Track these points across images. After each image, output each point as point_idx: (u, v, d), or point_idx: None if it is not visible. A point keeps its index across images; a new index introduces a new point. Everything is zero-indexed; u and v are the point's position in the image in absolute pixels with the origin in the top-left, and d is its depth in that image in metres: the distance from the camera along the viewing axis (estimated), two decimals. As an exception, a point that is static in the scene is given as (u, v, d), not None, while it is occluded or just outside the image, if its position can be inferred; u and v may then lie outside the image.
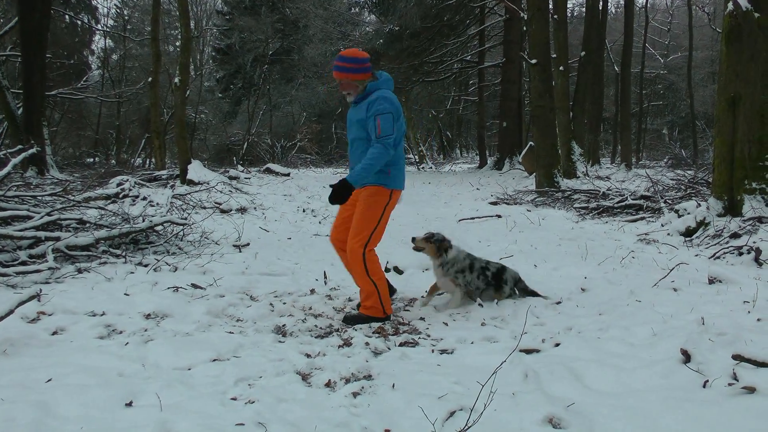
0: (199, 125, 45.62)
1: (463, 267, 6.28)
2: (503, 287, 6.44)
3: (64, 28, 41.45)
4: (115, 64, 47.88)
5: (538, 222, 12.58)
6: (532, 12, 19.07)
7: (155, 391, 3.90)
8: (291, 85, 45.37)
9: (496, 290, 6.42)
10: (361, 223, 5.81)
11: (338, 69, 5.70)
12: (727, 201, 9.58)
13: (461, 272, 6.27)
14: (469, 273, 6.30)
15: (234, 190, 18.49)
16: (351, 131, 5.95)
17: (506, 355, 4.30)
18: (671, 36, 54.07)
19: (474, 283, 6.32)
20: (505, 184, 22.21)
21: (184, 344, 4.90)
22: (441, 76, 37.40)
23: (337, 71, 5.72)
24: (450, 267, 6.23)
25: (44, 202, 10.04)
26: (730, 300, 5.90)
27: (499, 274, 6.47)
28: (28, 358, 4.52)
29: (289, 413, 3.73)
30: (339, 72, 5.71)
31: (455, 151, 60.83)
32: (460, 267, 6.27)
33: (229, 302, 6.29)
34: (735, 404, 3.54)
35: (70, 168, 30.12)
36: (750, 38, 9.37)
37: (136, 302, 6.09)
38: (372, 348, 5.02)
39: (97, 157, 44.34)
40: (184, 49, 21.22)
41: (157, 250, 8.86)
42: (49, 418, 3.54)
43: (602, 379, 4.10)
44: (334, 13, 39.06)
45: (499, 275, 6.46)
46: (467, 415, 3.50)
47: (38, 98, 22.63)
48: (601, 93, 32.20)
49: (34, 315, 5.57)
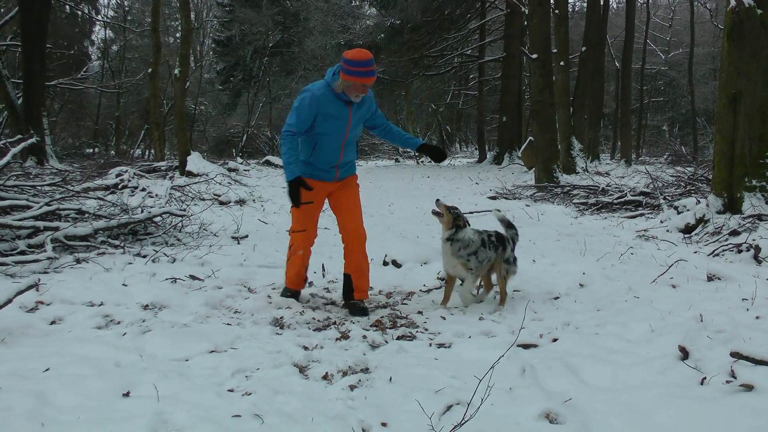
0: (199, 117, 45.66)
1: (476, 248, 6.11)
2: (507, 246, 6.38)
3: (65, 19, 41.39)
4: (115, 54, 47.84)
5: (537, 217, 12.58)
6: (533, 7, 19.05)
7: (152, 381, 3.89)
8: (291, 77, 45.31)
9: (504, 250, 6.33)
10: (361, 210, 6.23)
11: (374, 74, 5.68)
12: (727, 198, 9.57)
13: (474, 254, 6.10)
14: (482, 250, 6.14)
15: (233, 182, 18.52)
16: (355, 128, 6.00)
17: (504, 349, 4.30)
18: (673, 32, 53.98)
19: (486, 257, 6.18)
20: (504, 178, 22.20)
21: (182, 335, 4.90)
22: (441, 70, 37.40)
23: (374, 76, 5.68)
24: (463, 249, 6.13)
25: (43, 192, 10.05)
26: (729, 297, 5.90)
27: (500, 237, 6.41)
28: (25, 347, 4.53)
29: (285, 405, 3.72)
30: (374, 76, 5.70)
31: (455, 145, 60.80)
32: (473, 249, 6.10)
33: (227, 294, 6.30)
34: (732, 401, 3.54)
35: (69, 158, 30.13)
36: (752, 35, 9.35)
37: (134, 293, 6.09)
38: (369, 341, 5.02)
39: (96, 147, 44.37)
40: (184, 41, 21.21)
41: (155, 241, 8.86)
42: (47, 407, 3.53)
43: (599, 375, 4.10)
44: (335, 5, 38.89)
45: (501, 238, 6.40)
46: (464, 409, 3.50)
47: (38, 88, 22.64)
48: (601, 89, 32.17)
49: (33, 304, 5.58)
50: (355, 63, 5.57)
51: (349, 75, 5.59)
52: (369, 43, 32.77)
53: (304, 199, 5.70)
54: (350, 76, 5.59)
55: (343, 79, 5.64)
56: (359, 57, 5.59)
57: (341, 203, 6.16)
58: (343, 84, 5.68)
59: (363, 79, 5.60)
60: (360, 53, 5.63)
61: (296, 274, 6.24)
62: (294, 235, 6.06)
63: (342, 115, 5.84)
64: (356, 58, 5.58)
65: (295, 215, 6.03)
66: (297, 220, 6.04)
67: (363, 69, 5.58)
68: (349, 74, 5.59)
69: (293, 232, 6.08)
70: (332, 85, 5.73)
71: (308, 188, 5.70)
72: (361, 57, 5.59)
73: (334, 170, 6.03)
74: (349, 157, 6.12)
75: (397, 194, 18.32)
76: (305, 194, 5.71)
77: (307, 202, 5.82)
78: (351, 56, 5.60)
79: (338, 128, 5.86)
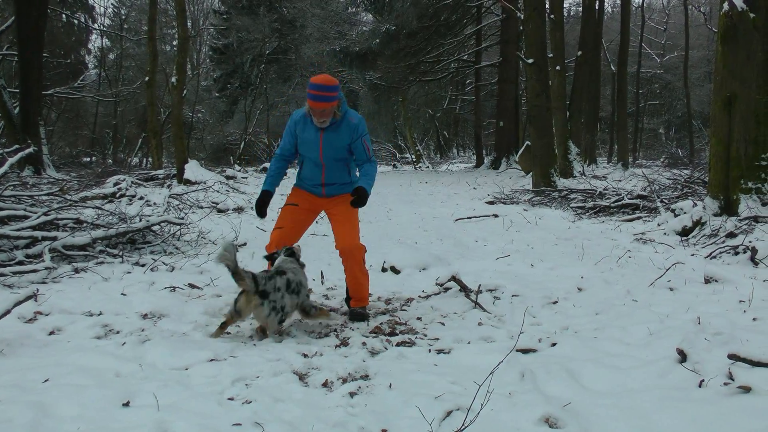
0: (196, 125, 45.60)
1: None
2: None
3: (61, 27, 41.39)
4: (111, 63, 47.91)
5: (535, 221, 12.59)
6: (528, 11, 19.07)
7: (152, 391, 3.89)
8: (288, 84, 45.30)
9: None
10: (356, 223, 6.13)
11: (328, 99, 5.62)
12: (723, 200, 9.58)
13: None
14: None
15: (231, 190, 18.52)
16: (329, 153, 5.96)
17: (503, 354, 4.31)
18: (667, 35, 54.16)
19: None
20: (502, 183, 22.23)
21: (181, 344, 4.90)
22: (438, 75, 37.44)
23: (328, 102, 5.63)
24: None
25: (41, 202, 10.05)
26: (726, 299, 5.92)
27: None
28: (25, 358, 4.52)
29: (286, 413, 3.73)
30: (329, 102, 5.64)
31: (452, 150, 60.83)
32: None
33: (226, 302, 6.28)
34: (730, 404, 3.55)
35: (66, 167, 30.04)
36: (745, 38, 9.38)
37: (133, 302, 6.09)
38: (369, 348, 5.02)
39: (93, 156, 44.27)
40: (181, 49, 21.26)
41: (154, 250, 8.86)
42: (47, 418, 3.53)
43: (598, 379, 4.11)
44: (331, 12, 39.00)
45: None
46: (464, 414, 3.51)
47: (35, 97, 22.61)
48: (597, 92, 32.23)
49: (31, 315, 5.57)
50: (310, 85, 5.63)
51: (308, 98, 5.69)
52: (365, 49, 32.83)
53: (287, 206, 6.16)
54: (308, 99, 5.68)
55: (307, 103, 5.75)
56: (315, 80, 5.65)
57: (335, 218, 6.18)
58: (307, 107, 5.80)
59: (315, 102, 5.61)
60: (320, 77, 5.70)
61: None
62: (273, 232, 6.09)
63: (312, 139, 5.91)
64: (313, 81, 5.65)
65: (279, 216, 6.18)
66: (278, 219, 6.16)
67: (315, 92, 5.59)
68: (308, 97, 5.68)
69: (273, 229, 6.13)
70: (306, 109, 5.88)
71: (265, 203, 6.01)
72: (316, 81, 5.64)
73: (320, 187, 6.13)
74: (337, 178, 6.12)
75: (395, 200, 18.33)
76: (290, 197, 6.19)
77: (292, 204, 6.16)
78: (312, 80, 5.68)
79: (311, 151, 5.96)
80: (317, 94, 5.59)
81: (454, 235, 11.15)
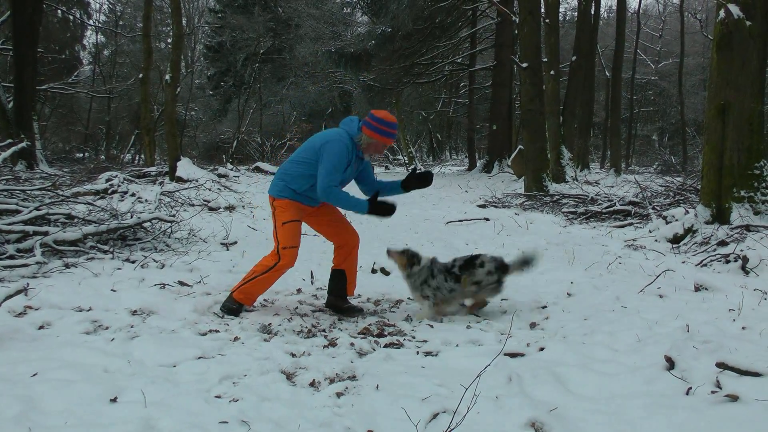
0: (189, 122, 45.57)
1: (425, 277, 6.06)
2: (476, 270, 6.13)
3: (56, 23, 41.36)
4: (106, 59, 47.82)
5: (526, 226, 12.60)
6: (523, 15, 19.11)
7: (140, 387, 3.90)
8: (282, 84, 45.29)
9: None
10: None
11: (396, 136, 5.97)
12: (715, 208, 9.60)
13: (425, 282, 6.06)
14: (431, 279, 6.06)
15: (223, 188, 18.52)
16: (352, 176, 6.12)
17: (491, 358, 4.32)
18: (663, 42, 54.26)
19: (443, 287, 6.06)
20: (494, 187, 22.25)
21: (170, 341, 4.90)
22: (432, 78, 37.45)
23: (394, 138, 5.99)
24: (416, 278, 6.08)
25: (33, 197, 10.02)
26: (716, 308, 5.92)
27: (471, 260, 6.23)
28: (14, 351, 4.53)
29: (272, 412, 3.73)
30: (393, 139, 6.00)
31: (445, 153, 60.88)
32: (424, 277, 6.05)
33: (215, 300, 6.29)
34: (717, 412, 3.55)
35: (59, 163, 30.00)
36: (741, 46, 9.41)
37: (123, 298, 6.10)
38: (357, 349, 5.03)
39: (86, 152, 44.27)
40: (176, 46, 21.25)
41: (144, 247, 8.86)
42: (34, 412, 3.54)
43: (586, 384, 4.11)
44: (327, 12, 38.96)
45: (471, 261, 6.22)
46: (450, 417, 3.52)
47: (29, 92, 22.61)
48: (591, 98, 32.30)
49: (21, 309, 5.58)
50: (386, 123, 5.81)
51: (376, 133, 5.82)
52: (360, 50, 32.81)
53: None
54: (379, 135, 5.82)
55: (368, 136, 5.84)
56: (389, 119, 5.85)
57: (328, 218, 6.30)
58: (366, 140, 5.86)
59: (389, 140, 5.87)
60: (390, 116, 5.88)
61: (262, 292, 6.14)
62: (285, 251, 5.89)
63: (356, 168, 6.05)
64: (388, 119, 5.83)
65: (286, 233, 5.92)
66: (289, 238, 5.94)
67: (391, 131, 5.85)
68: (379, 133, 5.82)
69: (284, 249, 5.90)
70: (355, 138, 5.87)
71: (384, 203, 5.88)
72: (390, 119, 5.85)
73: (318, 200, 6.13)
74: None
75: (387, 201, 18.27)
76: (289, 213, 5.95)
77: (295, 220, 5.98)
78: (383, 116, 5.84)
79: (346, 179, 6.01)
80: (393, 132, 5.86)
81: (444, 238, 11.17)
